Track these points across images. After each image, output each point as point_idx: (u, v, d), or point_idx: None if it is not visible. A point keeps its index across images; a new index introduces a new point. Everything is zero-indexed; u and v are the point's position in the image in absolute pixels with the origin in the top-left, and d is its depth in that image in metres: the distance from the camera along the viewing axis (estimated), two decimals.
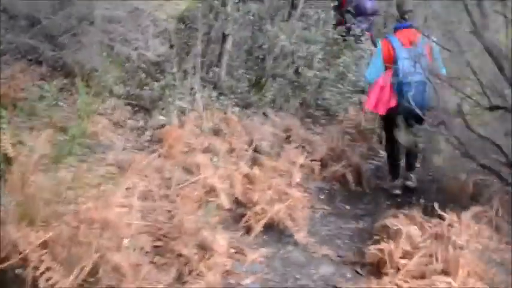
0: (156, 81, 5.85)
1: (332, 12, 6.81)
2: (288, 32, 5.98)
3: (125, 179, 4.62)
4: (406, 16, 4.82)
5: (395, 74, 4.62)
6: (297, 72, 6.71)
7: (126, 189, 4.52)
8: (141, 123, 5.60)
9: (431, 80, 4.22)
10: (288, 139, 5.97)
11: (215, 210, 4.34)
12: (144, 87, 5.82)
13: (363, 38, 7.13)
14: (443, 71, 4.51)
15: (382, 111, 4.90)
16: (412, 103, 4.21)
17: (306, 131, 6.26)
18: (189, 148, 5.20)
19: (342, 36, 6.74)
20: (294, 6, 6.43)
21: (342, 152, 5.94)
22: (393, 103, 4.71)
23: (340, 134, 6.30)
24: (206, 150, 5.25)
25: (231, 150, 5.43)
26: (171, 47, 6.07)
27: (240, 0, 6.23)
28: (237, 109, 6.26)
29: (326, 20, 6.50)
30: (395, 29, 4.92)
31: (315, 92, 6.87)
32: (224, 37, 6.24)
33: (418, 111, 4.17)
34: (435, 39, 4.33)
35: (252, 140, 5.60)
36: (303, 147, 5.86)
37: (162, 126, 5.50)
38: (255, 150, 5.51)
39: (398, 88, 4.61)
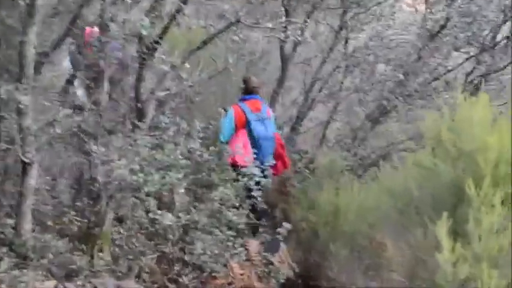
0: None
1: (198, 124, 4.96)
2: (130, 154, 3.89)
3: None
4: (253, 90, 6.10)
5: (250, 133, 5.84)
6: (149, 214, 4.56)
7: None
8: None
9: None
10: None
11: None
12: None
13: None
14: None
15: (243, 162, 5.54)
16: (266, 154, 5.79)
17: None
18: None
19: None
20: (140, 112, 4.43)
21: None
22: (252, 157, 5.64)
23: None
24: None
25: None
26: None
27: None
28: (50, 285, 3.93)
29: (191, 132, 4.55)
30: (244, 99, 6.11)
31: (180, 243, 4.73)
32: (25, 167, 3.98)
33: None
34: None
35: None
36: None
37: None
38: None
39: (255, 144, 5.80)
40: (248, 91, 6.16)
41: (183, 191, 4.12)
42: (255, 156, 5.68)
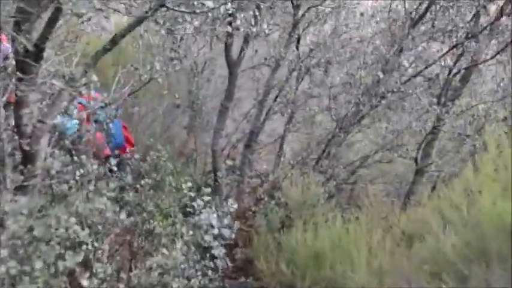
0: None
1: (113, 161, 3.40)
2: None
3: None
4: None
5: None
6: None
7: None
8: None
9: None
10: None
11: None
12: None
13: None
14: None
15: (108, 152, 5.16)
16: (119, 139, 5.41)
17: None
18: None
19: None
20: (26, 154, 2.80)
21: None
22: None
23: None
24: None
25: None
26: None
27: None
28: None
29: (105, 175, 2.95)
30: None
31: None
32: None
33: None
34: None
35: None
36: None
37: None
38: None
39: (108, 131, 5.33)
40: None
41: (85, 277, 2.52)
42: (111, 144, 5.41)
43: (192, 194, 3.91)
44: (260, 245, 4.76)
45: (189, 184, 3.95)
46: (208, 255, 3.78)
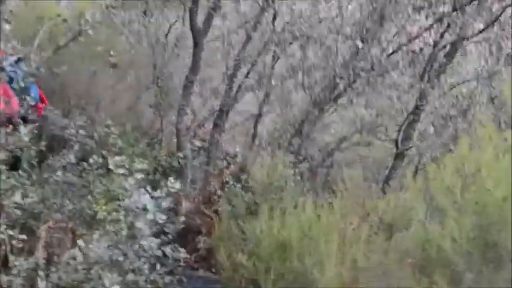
0: None
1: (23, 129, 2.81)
2: None
3: None
4: None
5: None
6: None
7: None
8: None
9: None
10: None
11: None
12: None
13: None
14: None
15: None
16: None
17: None
18: None
19: None
20: None
21: None
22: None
23: None
24: None
25: None
26: None
27: None
28: None
29: None
30: None
31: None
32: None
33: None
34: None
35: None
36: None
37: None
38: None
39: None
40: None
41: None
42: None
43: (123, 171, 3.31)
44: (222, 234, 4.22)
45: (117, 158, 3.35)
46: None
